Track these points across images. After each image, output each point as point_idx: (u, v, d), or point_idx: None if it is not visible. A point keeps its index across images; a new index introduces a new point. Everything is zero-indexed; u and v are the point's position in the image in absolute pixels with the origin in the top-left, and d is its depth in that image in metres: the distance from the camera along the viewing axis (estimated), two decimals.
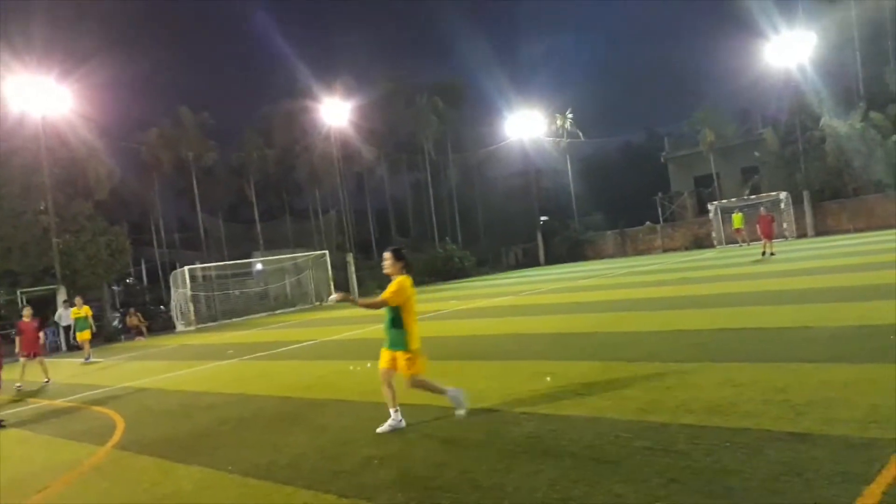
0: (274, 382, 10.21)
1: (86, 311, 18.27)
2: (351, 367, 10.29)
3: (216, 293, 30.53)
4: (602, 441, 5.08)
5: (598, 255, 45.51)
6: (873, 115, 35.55)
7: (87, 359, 18.22)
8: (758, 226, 24.31)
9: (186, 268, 28.47)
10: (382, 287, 6.37)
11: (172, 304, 29.79)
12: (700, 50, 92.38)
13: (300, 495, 4.83)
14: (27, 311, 14.76)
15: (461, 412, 6.26)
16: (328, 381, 9.65)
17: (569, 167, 52.15)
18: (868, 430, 4.50)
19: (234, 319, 28.55)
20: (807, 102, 38.53)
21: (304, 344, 15.00)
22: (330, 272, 32.80)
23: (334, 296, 6.45)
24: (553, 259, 46.83)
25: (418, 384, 6.26)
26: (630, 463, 4.53)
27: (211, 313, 29.33)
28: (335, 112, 39.07)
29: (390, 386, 6.27)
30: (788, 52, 37.06)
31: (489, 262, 47.90)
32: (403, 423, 6.22)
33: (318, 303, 31.71)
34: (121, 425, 8.34)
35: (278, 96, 49.11)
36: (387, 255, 6.35)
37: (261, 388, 9.79)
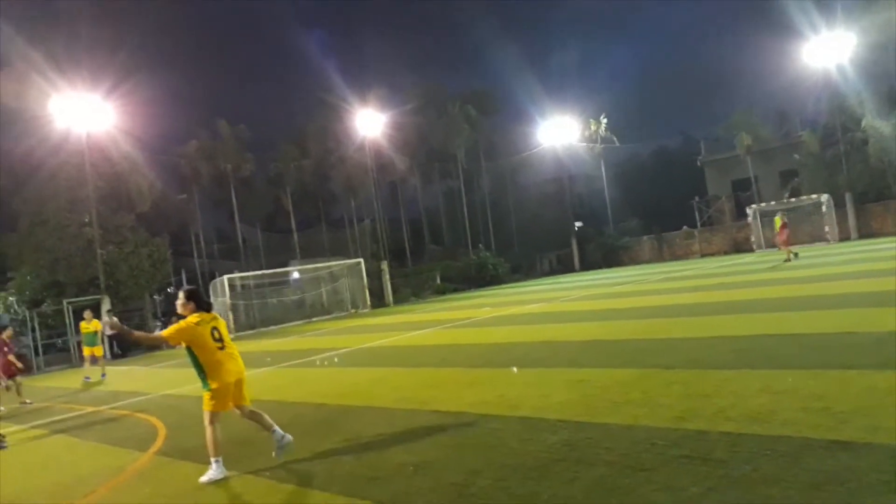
0: (310, 390, 10.34)
1: (94, 325, 17.08)
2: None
3: (254, 301, 31.02)
4: (638, 449, 5.04)
5: (634, 261, 45.02)
6: None
7: (102, 375, 17.21)
8: (778, 234, 24.47)
9: (226, 277, 28.98)
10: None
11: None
12: (736, 52, 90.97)
13: (336, 501, 4.90)
14: (8, 332, 13.98)
15: (277, 454, 6.16)
16: (362, 388, 9.74)
17: (603, 172, 51.75)
18: None
19: (271, 327, 28.95)
20: (847, 104, 37.62)
21: (340, 351, 15.14)
22: (365, 280, 33.09)
23: (106, 323, 6.46)
24: (588, 265, 46.46)
25: (247, 416, 6.34)
26: (666, 471, 4.49)
27: (249, 321, 29.81)
28: (369, 122, 39.48)
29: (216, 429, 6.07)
30: (827, 52, 36.29)
31: (523, 269, 47.75)
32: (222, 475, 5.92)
33: (353, 310, 32.00)
34: (163, 432, 8.54)
35: (313, 108, 49.84)
36: (179, 294, 6.33)
37: (297, 395, 9.93)
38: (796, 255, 23.69)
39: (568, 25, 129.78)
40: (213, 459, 5.96)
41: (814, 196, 35.95)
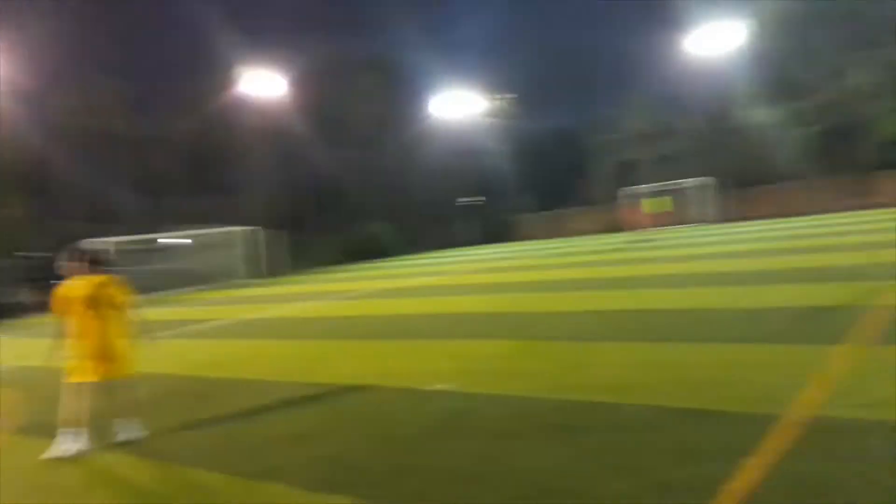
0: (184, 362, 9.92)
1: None
2: None
3: (130, 268, 29.33)
4: (514, 418, 5.20)
5: (528, 236, 46.26)
6: (789, 106, 37.25)
7: None
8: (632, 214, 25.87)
9: (93, 241, 27.20)
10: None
11: None
12: (630, 39, 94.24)
13: (202, 476, 4.73)
14: None
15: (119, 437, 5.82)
16: (241, 360, 9.44)
17: (502, 148, 52.55)
18: (754, 407, 4.78)
19: (147, 296, 27.57)
20: (727, 92, 40.06)
21: (223, 322, 14.66)
22: (258, 249, 32.13)
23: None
24: (484, 239, 47.28)
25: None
26: (539, 440, 4.67)
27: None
28: (264, 86, 38.04)
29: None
30: (711, 43, 38.35)
31: (421, 242, 47.95)
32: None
33: (241, 280, 31.04)
34: (18, 407, 7.96)
35: (204, 68, 47.36)
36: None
37: (170, 367, 9.50)
38: (649, 238, 24.97)
39: (471, 1, 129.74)
40: (65, 430, 5.61)
41: (693, 179, 38.18)
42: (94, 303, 5.66)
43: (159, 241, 32.80)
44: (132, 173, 47.90)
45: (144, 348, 6.20)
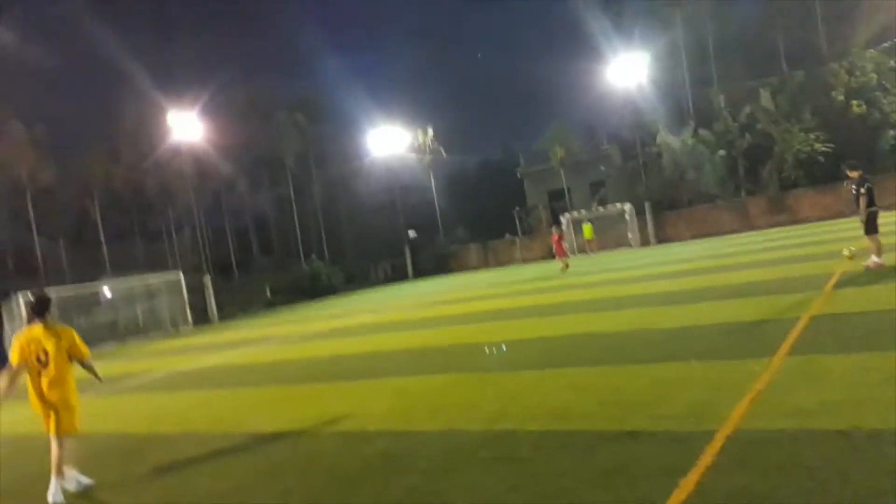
0: (116, 419, 9.49)
1: None
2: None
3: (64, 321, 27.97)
4: (450, 453, 5.18)
5: (463, 268, 46.52)
6: (702, 131, 39.16)
7: None
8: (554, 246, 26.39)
9: (20, 294, 25.89)
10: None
11: (5, 337, 26.98)
12: (551, 70, 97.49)
13: None
14: None
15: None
16: (176, 413, 9.12)
17: (432, 183, 53.05)
18: (688, 424, 4.91)
19: None
20: (644, 120, 41.83)
21: (157, 375, 14.11)
22: (186, 296, 31.12)
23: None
24: (420, 273, 47.31)
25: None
26: (474, 473, 4.66)
27: None
28: (187, 125, 37.35)
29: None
30: (627, 72, 40.09)
31: (357, 278, 47.56)
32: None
33: (173, 330, 29.98)
34: None
35: (125, 110, 46.03)
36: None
37: (101, 426, 9.05)
38: (566, 266, 25.56)
39: (397, 38, 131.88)
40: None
41: (618, 205, 39.42)
42: (58, 352, 5.73)
43: (96, 291, 31.38)
44: (58, 222, 46.04)
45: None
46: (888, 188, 26.06)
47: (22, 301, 25.60)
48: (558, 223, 36.30)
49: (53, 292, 28.69)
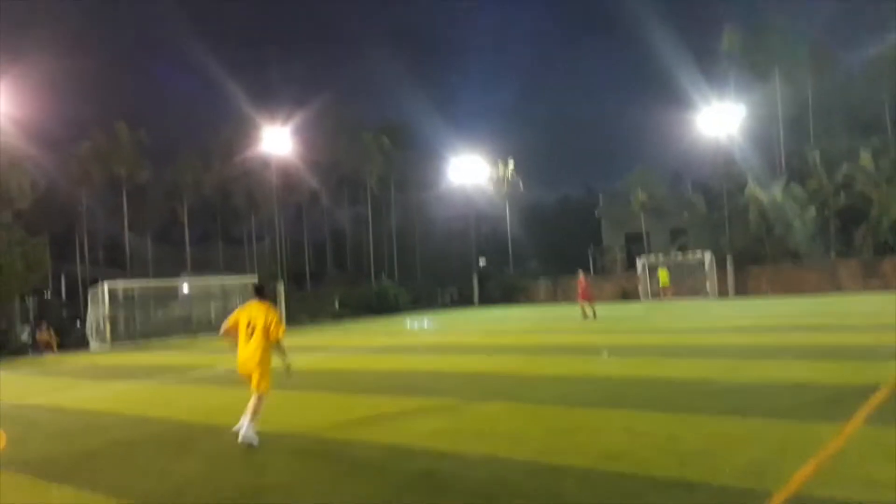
0: (178, 406, 9.83)
1: None
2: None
3: (137, 313, 29.36)
4: (492, 481, 5.07)
5: (531, 300, 46.05)
6: (793, 187, 37.64)
7: None
8: (579, 288, 23.93)
9: (106, 283, 27.34)
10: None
11: (88, 321, 28.50)
12: (639, 114, 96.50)
13: None
14: None
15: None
16: (233, 407, 9.34)
17: (508, 214, 53.05)
18: (745, 481, 4.64)
19: (152, 340, 27.48)
20: (733, 171, 40.59)
21: (219, 370, 14.53)
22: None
23: None
24: (487, 301, 47.16)
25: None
26: (517, 502, 4.53)
27: (129, 333, 28.11)
28: (277, 140, 38.82)
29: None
30: (719, 121, 39.12)
31: (424, 300, 47.83)
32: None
33: None
34: (2, 443, 7.84)
35: (220, 120, 48.54)
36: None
37: (163, 411, 9.41)
38: (595, 313, 23.04)
39: (487, 71, 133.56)
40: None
41: (698, 253, 38.23)
42: (263, 325, 6.92)
43: (175, 287, 32.89)
44: (148, 220, 48.60)
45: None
46: None
47: (107, 288, 27.06)
48: (650, 266, 35.23)
49: (136, 284, 30.25)
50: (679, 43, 61.44)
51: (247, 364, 6.94)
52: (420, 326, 27.16)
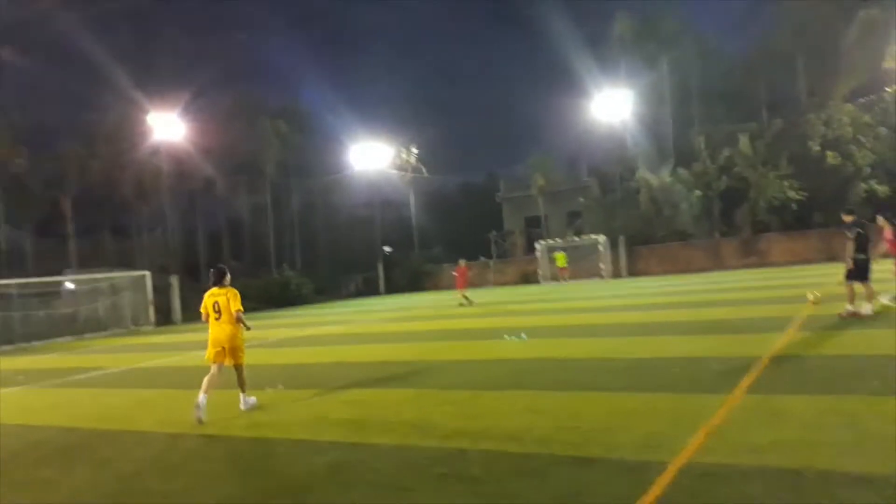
0: (64, 412, 9.21)
1: None
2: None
3: (14, 313, 27.25)
4: (401, 469, 5.07)
5: (436, 287, 46.40)
6: (680, 171, 39.77)
7: None
8: (455, 276, 25.84)
9: None
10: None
11: None
12: (537, 100, 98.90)
13: None
14: None
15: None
16: (125, 411, 8.87)
17: (412, 200, 53.08)
18: (642, 454, 4.86)
19: (34, 343, 25.62)
20: (626, 155, 42.42)
21: (109, 371, 13.76)
22: (150, 294, 30.54)
23: None
24: (393, 289, 47.10)
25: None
26: (425, 490, 4.55)
27: (7, 336, 26.07)
28: (168, 125, 36.93)
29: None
30: (612, 107, 40.64)
31: (328, 290, 47.16)
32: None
33: (134, 327, 29.37)
34: None
35: (105, 104, 45.41)
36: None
37: (48, 418, 8.80)
38: (469, 300, 24.65)
39: (386, 57, 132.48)
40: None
41: (593, 236, 39.76)
42: (227, 305, 7.80)
43: (58, 283, 30.70)
44: (27, 211, 45.10)
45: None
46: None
47: None
48: (549, 250, 36.41)
49: (14, 282, 28.07)
50: (575, 30, 63.53)
51: (221, 341, 7.76)
52: (327, 317, 26.82)
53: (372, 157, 49.76)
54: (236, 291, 7.91)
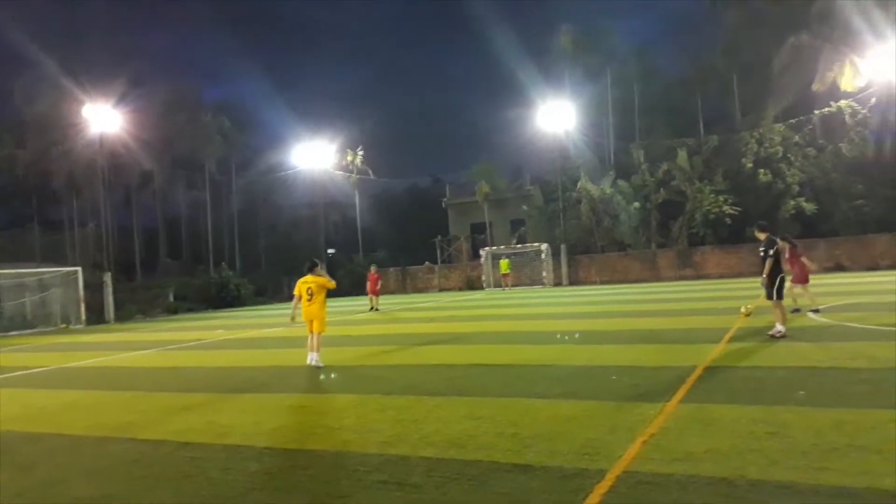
0: None
1: None
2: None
3: None
4: (340, 476, 5.00)
5: (380, 291, 46.13)
6: (620, 182, 40.73)
7: None
8: (367, 283, 26.59)
9: None
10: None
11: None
12: (485, 107, 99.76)
13: None
14: None
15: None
16: (51, 412, 8.48)
17: (357, 202, 52.68)
18: (581, 462, 4.92)
19: None
20: (568, 166, 43.18)
21: (34, 371, 13.14)
22: (81, 292, 29.35)
23: None
24: (336, 292, 46.55)
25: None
26: (362, 497, 4.50)
27: None
28: (104, 117, 35.57)
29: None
30: (556, 119, 41.32)
31: (269, 292, 46.26)
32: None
33: (63, 325, 28.17)
34: None
35: (36, 92, 43.39)
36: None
37: None
38: (377, 306, 26.06)
39: (333, 58, 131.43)
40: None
41: (535, 244, 40.31)
42: (318, 289, 10.89)
43: None
44: None
45: None
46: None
47: None
48: (492, 256, 36.66)
49: None
50: (522, 40, 64.34)
51: (310, 315, 10.75)
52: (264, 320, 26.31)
53: (316, 158, 49.14)
54: (325, 279, 10.89)
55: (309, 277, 10.76)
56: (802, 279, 13.93)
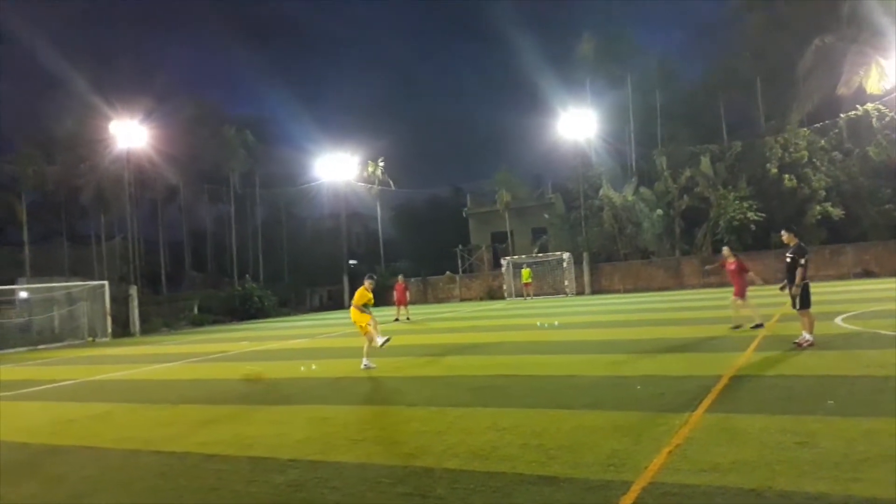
0: (14, 426, 8.89)
1: None
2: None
3: None
4: (364, 488, 5.00)
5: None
6: (643, 190, 40.47)
7: None
8: (394, 293, 26.38)
9: None
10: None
11: None
12: (505, 115, 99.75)
13: None
14: None
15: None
16: (79, 425, 8.60)
17: (379, 214, 52.94)
18: (606, 473, 4.87)
19: None
20: (590, 174, 43.02)
21: (63, 384, 13.34)
22: (108, 305, 29.78)
23: None
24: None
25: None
26: None
27: None
28: (130, 133, 36.21)
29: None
30: (577, 126, 41.25)
31: (292, 303, 46.60)
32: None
33: (91, 339, 28.59)
34: None
35: (65, 109, 44.37)
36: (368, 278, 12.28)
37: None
38: (408, 316, 25.71)
39: (356, 70, 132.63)
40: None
41: (558, 253, 40.14)
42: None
43: (11, 292, 29.71)
44: None
45: None
46: (813, 261, 27.33)
47: None
48: (515, 265, 36.64)
49: None
50: (542, 48, 64.39)
51: (360, 322, 11.90)
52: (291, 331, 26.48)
53: (339, 169, 49.53)
54: (366, 293, 11.96)
55: (367, 288, 12.07)
56: (741, 293, 13.74)
